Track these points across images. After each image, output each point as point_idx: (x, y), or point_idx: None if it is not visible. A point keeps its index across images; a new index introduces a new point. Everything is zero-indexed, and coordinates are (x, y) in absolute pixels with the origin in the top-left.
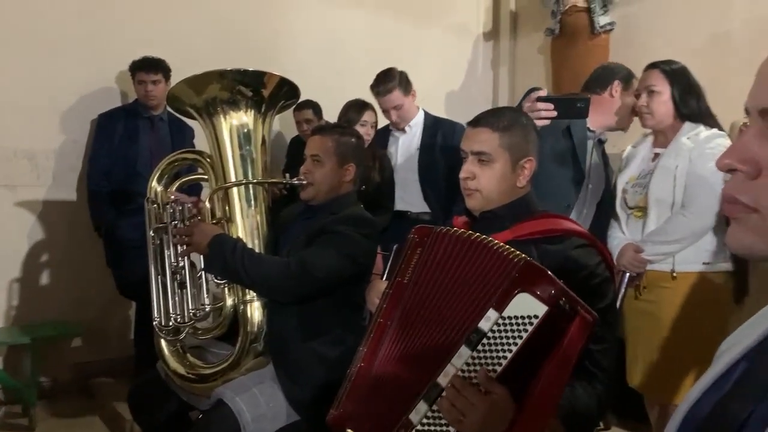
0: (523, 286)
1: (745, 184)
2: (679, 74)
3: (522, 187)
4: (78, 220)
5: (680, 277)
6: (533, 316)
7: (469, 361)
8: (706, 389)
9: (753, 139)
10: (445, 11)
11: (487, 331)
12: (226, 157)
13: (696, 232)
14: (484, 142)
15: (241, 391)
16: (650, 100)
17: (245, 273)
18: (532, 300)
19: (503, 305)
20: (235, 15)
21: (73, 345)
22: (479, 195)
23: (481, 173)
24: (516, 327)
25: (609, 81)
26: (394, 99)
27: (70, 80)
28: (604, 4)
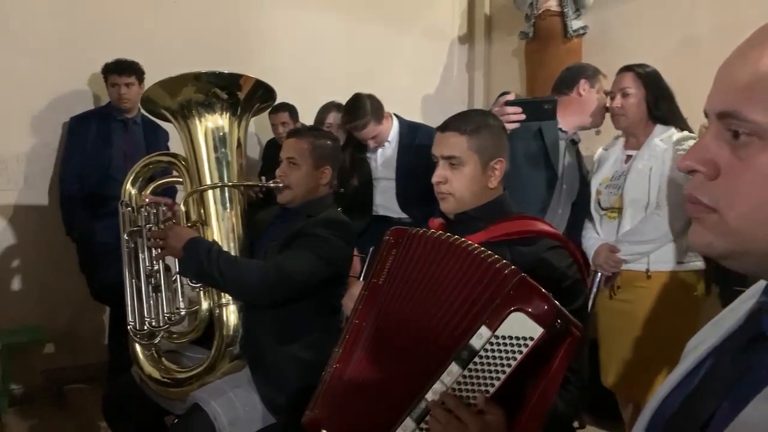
0: (518, 305)
1: (705, 184)
2: (651, 77)
3: (494, 188)
4: (50, 225)
5: (655, 277)
6: (528, 338)
7: (459, 380)
8: (674, 386)
9: (711, 141)
10: (420, 15)
11: (479, 350)
12: (201, 160)
13: (669, 232)
14: (454, 146)
15: (216, 394)
16: (624, 102)
17: (220, 276)
18: (527, 320)
19: (496, 323)
20: (210, 17)
21: (45, 351)
22: (452, 198)
23: (453, 177)
24: (510, 348)
25: (575, 81)
26: (369, 132)
27: (42, 83)
28: (577, 8)
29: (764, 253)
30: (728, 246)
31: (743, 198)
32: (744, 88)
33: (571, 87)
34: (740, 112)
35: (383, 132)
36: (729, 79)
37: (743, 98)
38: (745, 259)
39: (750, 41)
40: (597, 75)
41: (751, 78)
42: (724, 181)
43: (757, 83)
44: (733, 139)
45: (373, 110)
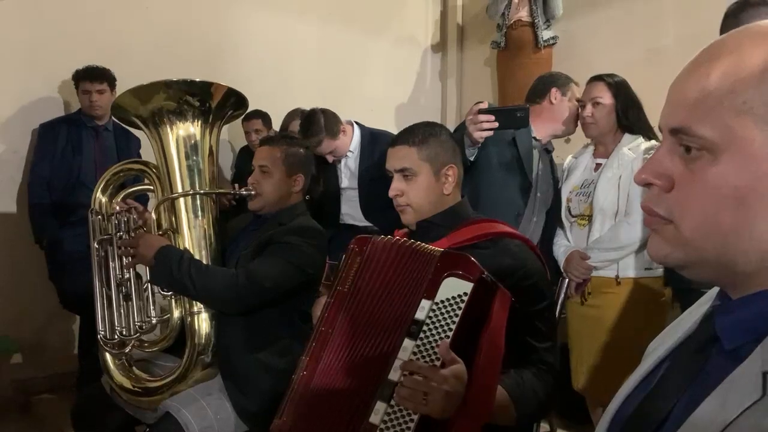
0: (448, 271)
1: (660, 197)
2: (621, 86)
3: (449, 195)
4: (18, 233)
5: (624, 283)
6: (463, 294)
7: (414, 350)
8: (634, 388)
9: (665, 155)
10: (393, 22)
11: (425, 319)
12: (172, 168)
13: (639, 238)
14: (404, 158)
15: (188, 403)
16: (595, 111)
17: (192, 284)
18: (458, 281)
19: (434, 292)
20: (182, 24)
21: (13, 361)
22: (410, 209)
23: (408, 188)
24: (450, 307)
25: (547, 90)
26: (325, 148)
27: (10, 89)
28: (547, 19)
29: (717, 262)
30: (684, 256)
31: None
32: (693, 104)
33: (543, 95)
34: (690, 127)
35: (341, 146)
36: (679, 96)
37: (692, 114)
38: (701, 268)
39: (698, 59)
40: (569, 83)
41: (699, 95)
42: (678, 193)
43: (704, 99)
44: (685, 153)
45: (327, 126)
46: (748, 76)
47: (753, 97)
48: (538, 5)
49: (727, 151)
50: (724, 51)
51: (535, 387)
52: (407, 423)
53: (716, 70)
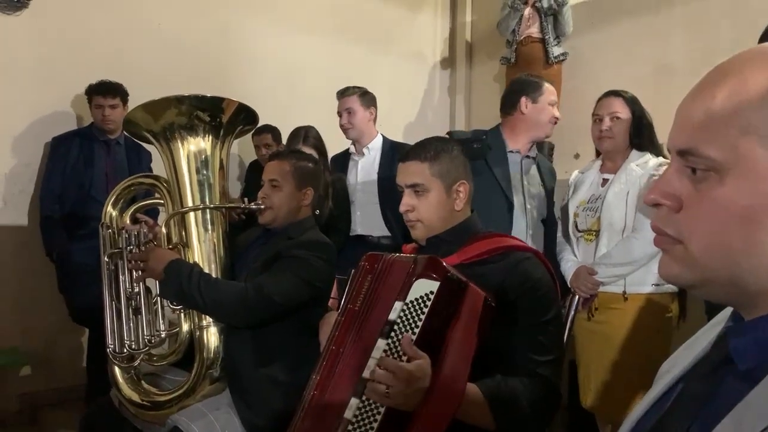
0: (419, 274)
1: (669, 217)
2: (636, 103)
3: (460, 210)
4: (29, 245)
5: (631, 299)
6: (430, 293)
7: (385, 348)
8: (648, 408)
9: (673, 176)
10: (402, 39)
11: (396, 319)
12: (183, 182)
13: (646, 254)
14: (416, 174)
15: (196, 417)
16: (613, 125)
17: (201, 298)
18: (426, 281)
19: (405, 295)
20: (193, 41)
21: (21, 374)
22: (421, 225)
23: (419, 204)
24: (418, 306)
25: (516, 100)
26: (347, 101)
27: (24, 102)
28: (557, 35)
29: (727, 282)
30: (694, 276)
31: (704, 229)
32: (699, 126)
33: (514, 106)
34: (696, 149)
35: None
36: (686, 117)
37: (699, 136)
38: (712, 288)
39: (704, 81)
40: (539, 87)
41: (705, 116)
42: (687, 213)
43: (710, 121)
44: (692, 174)
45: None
46: (751, 98)
47: (757, 117)
48: (548, 22)
49: (733, 171)
50: (729, 73)
51: (517, 392)
52: (375, 416)
53: (721, 92)
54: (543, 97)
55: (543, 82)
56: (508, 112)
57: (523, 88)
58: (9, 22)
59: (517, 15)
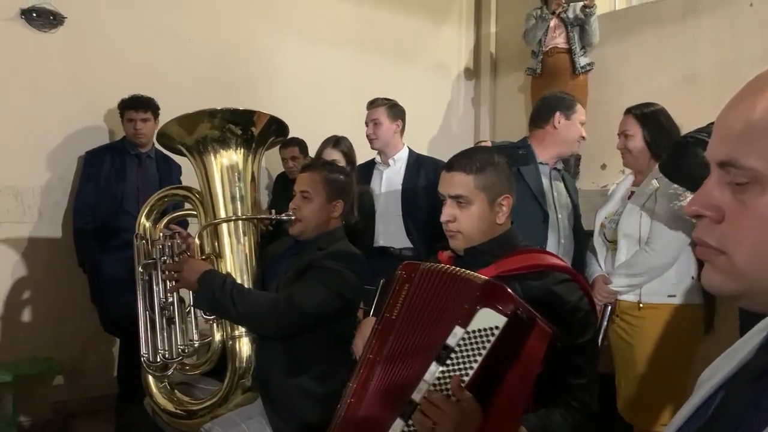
0: (485, 303)
1: (711, 228)
2: (650, 117)
3: (501, 224)
4: (63, 257)
5: (646, 308)
6: (494, 327)
7: (439, 375)
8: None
9: (714, 187)
10: (426, 51)
11: (454, 346)
12: (215, 194)
13: (657, 267)
14: (460, 186)
15: (229, 426)
16: (626, 143)
17: (234, 308)
18: (492, 313)
19: (468, 322)
20: (221, 54)
21: (55, 383)
22: (461, 236)
23: (461, 215)
24: (480, 339)
25: (550, 114)
26: (374, 113)
27: (58, 118)
28: (583, 46)
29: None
30: (738, 287)
31: (746, 240)
32: (739, 136)
33: (547, 120)
34: (737, 160)
35: (385, 130)
36: (725, 128)
37: (739, 147)
38: (755, 298)
39: (744, 91)
40: (573, 106)
41: (745, 126)
42: (729, 224)
43: (750, 131)
44: (733, 184)
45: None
46: None
47: None
48: (575, 32)
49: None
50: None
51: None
52: None
53: (762, 101)
54: (575, 116)
55: (576, 102)
56: (540, 125)
57: (558, 103)
58: (45, 40)
59: (544, 25)
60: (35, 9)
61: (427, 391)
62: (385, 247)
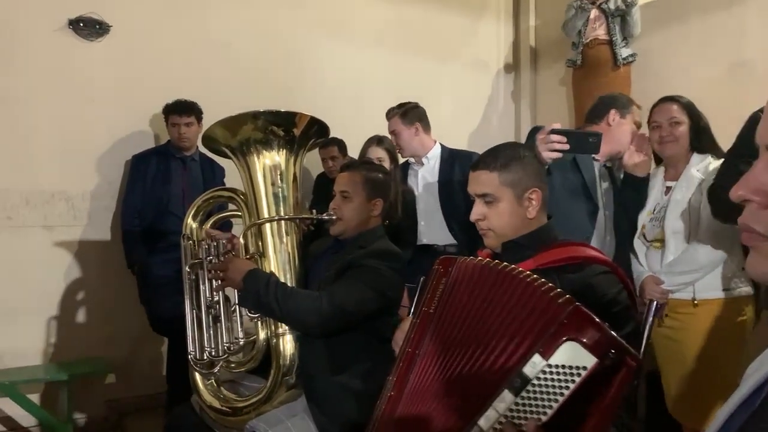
0: (572, 334)
1: (759, 213)
2: (692, 107)
3: (533, 218)
4: (112, 259)
5: (701, 305)
6: (581, 368)
7: (512, 407)
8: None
9: (763, 171)
10: (465, 48)
11: (532, 378)
12: (259, 195)
13: (712, 261)
14: (485, 184)
15: (273, 423)
16: (673, 130)
17: (278, 307)
18: (580, 350)
19: (550, 352)
20: (261, 57)
21: (107, 381)
22: (493, 234)
23: (490, 213)
24: (563, 377)
25: (605, 111)
26: (390, 124)
27: (105, 124)
28: (625, 37)
29: None
30: None
31: None
32: None
33: (601, 117)
34: None
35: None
36: None
37: None
38: None
39: None
40: (629, 106)
41: None
42: None
43: None
44: None
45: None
46: None
47: None
48: (615, 23)
49: None
50: None
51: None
52: None
53: None
54: (630, 116)
55: (632, 102)
56: (594, 122)
57: (614, 101)
58: (92, 48)
59: (584, 16)
60: (82, 19)
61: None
62: (428, 245)
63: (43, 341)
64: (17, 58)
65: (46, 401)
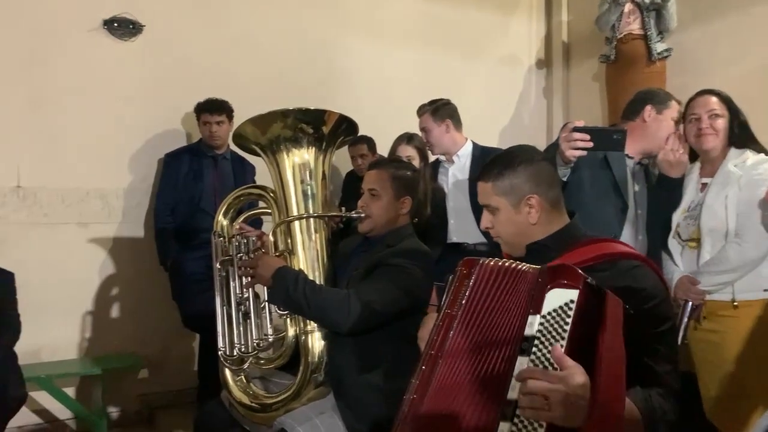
0: (551, 285)
1: None
2: (731, 102)
3: (535, 224)
4: (145, 255)
5: (742, 306)
6: (570, 301)
7: (529, 366)
8: None
9: None
10: (495, 44)
11: (535, 333)
12: (288, 192)
13: (752, 259)
14: (483, 195)
15: (302, 420)
16: (712, 122)
17: (306, 304)
18: (562, 290)
19: (540, 307)
20: (290, 56)
21: (140, 377)
22: (502, 241)
23: (494, 222)
24: (559, 317)
25: (641, 107)
26: (421, 122)
27: (138, 122)
28: (660, 31)
29: None
30: None
31: None
32: None
33: (637, 113)
34: None
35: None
36: None
37: None
38: None
39: None
40: (667, 101)
41: None
42: None
43: None
44: None
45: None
46: None
47: None
48: (650, 17)
49: None
50: None
51: (663, 407)
52: None
53: None
54: (668, 111)
55: (671, 98)
56: (629, 118)
57: (651, 97)
58: (125, 48)
59: (618, 10)
60: (116, 19)
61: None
62: (458, 243)
63: (78, 336)
64: (53, 58)
65: (81, 395)
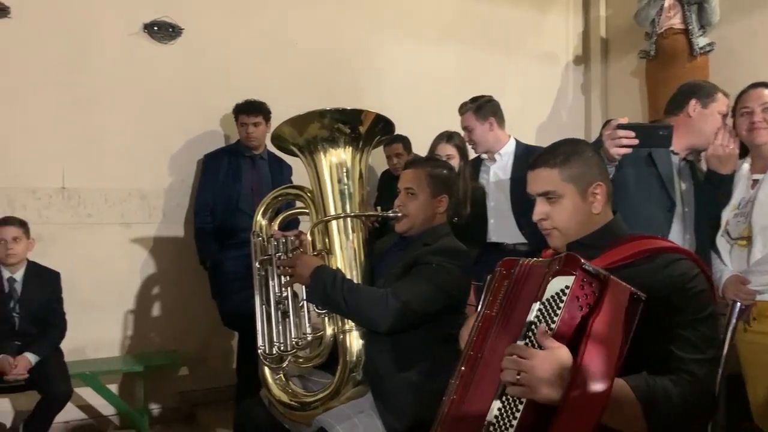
0: (553, 273)
1: None
2: None
3: (599, 214)
4: (185, 255)
5: None
6: (565, 287)
7: None
8: None
9: None
10: (532, 40)
11: (533, 320)
12: (326, 192)
13: None
14: (546, 181)
15: (341, 419)
16: (766, 115)
17: (344, 303)
18: (561, 278)
19: (542, 294)
20: (326, 56)
21: (180, 374)
22: (557, 233)
23: (553, 212)
24: (554, 302)
25: (685, 101)
26: (463, 120)
27: (178, 124)
28: (702, 25)
29: None
30: None
31: None
32: None
33: (681, 107)
34: None
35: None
36: None
37: None
38: None
39: None
40: (713, 94)
41: None
42: None
43: None
44: None
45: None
46: None
47: None
48: (692, 11)
49: None
50: None
51: (667, 389)
52: (514, 414)
53: None
54: (714, 105)
55: (718, 90)
56: (674, 113)
57: (695, 90)
58: (165, 50)
59: (657, 4)
60: (156, 23)
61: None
62: (497, 243)
63: (120, 334)
64: (94, 61)
65: (124, 391)
